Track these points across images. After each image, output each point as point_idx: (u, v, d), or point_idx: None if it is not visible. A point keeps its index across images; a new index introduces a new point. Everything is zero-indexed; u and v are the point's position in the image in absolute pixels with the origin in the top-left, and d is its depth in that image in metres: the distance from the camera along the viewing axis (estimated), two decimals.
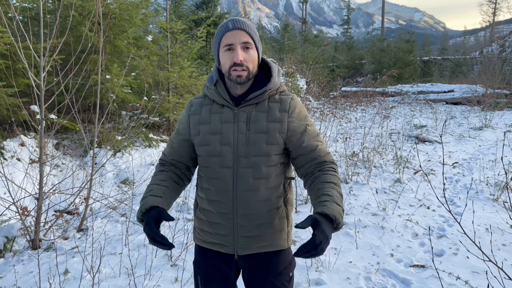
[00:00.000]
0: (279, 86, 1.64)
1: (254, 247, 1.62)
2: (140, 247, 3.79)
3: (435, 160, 6.92)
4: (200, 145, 1.62)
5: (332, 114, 10.72)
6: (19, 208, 3.80)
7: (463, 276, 3.19)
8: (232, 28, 1.51)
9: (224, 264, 1.68)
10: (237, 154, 1.56)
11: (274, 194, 1.61)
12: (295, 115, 1.60)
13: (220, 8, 17.34)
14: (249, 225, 1.59)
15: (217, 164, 1.58)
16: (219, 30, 1.55)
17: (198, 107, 1.67)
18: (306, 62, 16.43)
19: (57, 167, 5.53)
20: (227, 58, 1.52)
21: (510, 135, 8.88)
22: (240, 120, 1.57)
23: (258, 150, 1.55)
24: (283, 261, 1.67)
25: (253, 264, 1.65)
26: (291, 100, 1.62)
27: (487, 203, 4.92)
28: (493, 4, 46.13)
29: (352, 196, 5.14)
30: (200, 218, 1.70)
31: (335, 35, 40.78)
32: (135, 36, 7.00)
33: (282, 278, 1.65)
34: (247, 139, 1.55)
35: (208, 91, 1.65)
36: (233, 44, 1.50)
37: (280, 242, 1.66)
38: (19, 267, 3.47)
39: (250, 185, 1.56)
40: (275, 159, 1.59)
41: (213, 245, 1.67)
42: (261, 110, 1.58)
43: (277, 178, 1.62)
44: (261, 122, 1.56)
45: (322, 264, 3.39)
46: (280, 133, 1.57)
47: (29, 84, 3.92)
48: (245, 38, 1.51)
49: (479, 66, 21.28)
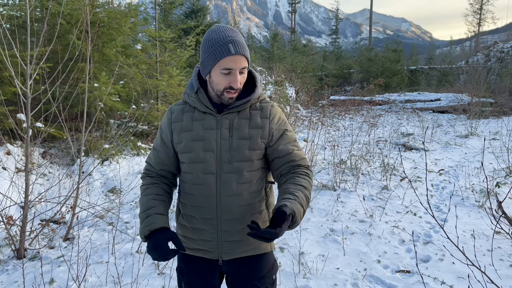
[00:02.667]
0: (260, 95, 1.69)
1: (238, 251, 1.64)
2: (127, 255, 3.76)
3: (422, 168, 7.01)
4: (183, 152, 1.63)
5: (321, 122, 10.79)
6: (4, 217, 3.75)
7: (448, 281, 3.23)
8: (234, 53, 1.48)
9: (208, 269, 1.69)
10: (220, 160, 1.58)
11: (256, 198, 1.64)
12: (276, 121, 1.65)
13: (210, 17, 17.45)
14: (233, 230, 1.61)
15: (200, 170, 1.59)
16: (218, 51, 1.48)
17: (179, 114, 1.67)
18: (295, 71, 16.54)
19: (44, 176, 5.48)
20: (224, 80, 1.52)
21: (495, 142, 9.02)
22: (223, 127, 1.59)
23: (241, 155, 1.58)
24: (267, 264, 1.71)
25: (237, 269, 1.67)
26: (272, 108, 1.67)
27: (473, 209, 4.99)
28: (478, 15, 47.03)
29: (340, 203, 5.18)
30: (183, 225, 1.70)
31: (324, 45, 41.27)
32: (123, 45, 7.00)
33: (266, 281, 1.69)
34: (230, 145, 1.58)
35: (189, 98, 1.66)
36: (233, 70, 1.50)
37: (263, 246, 1.68)
38: (4, 277, 3.42)
39: (234, 190, 1.58)
40: (257, 164, 1.62)
41: (197, 251, 1.68)
42: (243, 117, 1.61)
43: (259, 183, 1.65)
44: (243, 129, 1.59)
45: (309, 271, 3.40)
46: (262, 139, 1.61)
47: (16, 92, 3.90)
48: (244, 63, 1.52)
49: (465, 75, 21.62)
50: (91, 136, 6.16)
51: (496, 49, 25.49)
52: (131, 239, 4.14)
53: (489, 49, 26.77)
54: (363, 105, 15.83)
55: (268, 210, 1.70)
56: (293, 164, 1.60)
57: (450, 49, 64.56)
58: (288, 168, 1.60)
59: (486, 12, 46.85)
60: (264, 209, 1.68)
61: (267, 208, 1.70)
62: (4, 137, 5.45)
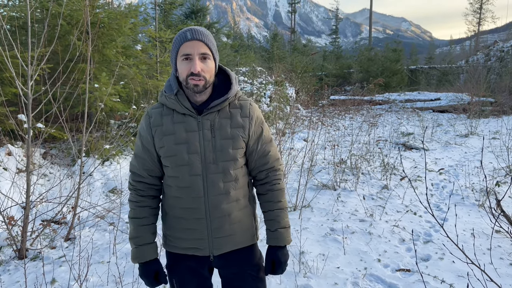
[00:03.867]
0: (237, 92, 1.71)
1: (228, 246, 1.70)
2: (128, 255, 3.77)
3: (422, 167, 7.02)
4: (167, 156, 1.63)
5: (321, 122, 10.80)
6: (5, 217, 3.76)
7: (448, 280, 3.24)
8: (191, 38, 1.53)
9: (198, 265, 1.74)
10: (205, 161, 1.61)
11: (241, 194, 1.70)
12: (255, 120, 1.70)
13: (210, 17, 17.45)
14: (222, 226, 1.66)
15: (186, 172, 1.61)
16: (177, 39, 1.57)
17: (157, 117, 1.66)
18: (295, 71, 16.54)
19: (45, 177, 5.49)
20: (185, 67, 1.55)
21: (495, 142, 9.03)
22: (204, 128, 1.61)
23: (225, 155, 1.61)
24: (255, 253, 1.80)
25: (229, 262, 1.73)
26: (250, 106, 1.70)
27: (473, 208, 5.00)
28: (478, 14, 47.03)
29: (340, 203, 5.19)
30: (171, 226, 1.72)
31: (324, 45, 41.25)
32: (124, 45, 7.01)
33: (258, 268, 1.78)
34: (214, 146, 1.61)
35: (167, 100, 1.65)
36: (191, 54, 1.53)
37: (251, 237, 1.77)
38: (5, 277, 3.43)
39: (221, 189, 1.62)
40: (241, 161, 1.69)
41: (188, 250, 1.71)
42: (223, 116, 1.64)
43: (243, 179, 1.72)
44: (225, 129, 1.62)
45: (310, 270, 3.41)
46: (243, 138, 1.65)
47: (17, 93, 3.91)
48: (203, 49, 1.55)
49: (465, 74, 21.61)
50: (92, 137, 6.17)
51: (496, 48, 25.49)
52: None
53: (489, 48, 26.77)
54: (363, 104, 15.84)
55: (251, 205, 1.79)
56: (268, 167, 1.76)
57: (450, 49, 64.56)
58: (264, 172, 1.77)
59: (486, 11, 46.87)
60: (248, 204, 1.76)
61: (249, 203, 1.78)
62: (5, 138, 5.46)
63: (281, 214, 1.75)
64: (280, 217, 1.74)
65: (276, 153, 1.78)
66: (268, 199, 1.76)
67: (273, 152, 1.76)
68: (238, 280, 1.74)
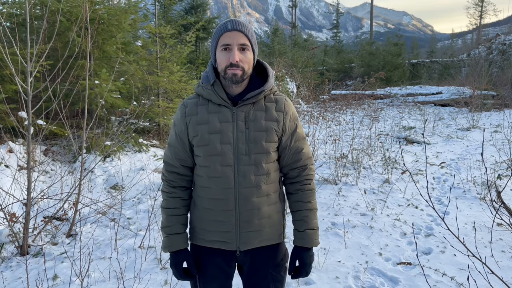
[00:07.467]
0: (272, 87, 1.71)
1: (256, 241, 1.68)
2: (129, 251, 3.79)
3: (423, 161, 7.00)
4: (200, 145, 1.63)
5: (322, 116, 10.79)
6: (7, 214, 3.77)
7: (449, 273, 3.24)
8: (231, 29, 1.55)
9: (224, 261, 1.71)
10: (237, 152, 1.61)
11: (272, 189, 1.69)
12: (289, 115, 1.69)
13: (210, 12, 17.39)
14: (251, 220, 1.64)
15: (218, 162, 1.61)
16: (217, 30, 1.59)
17: (193, 107, 1.67)
18: (296, 65, 16.50)
19: (46, 173, 5.50)
20: (224, 57, 1.56)
21: (497, 135, 9.01)
22: (238, 119, 1.61)
23: (258, 147, 1.61)
24: (280, 253, 1.77)
25: (254, 258, 1.71)
26: (286, 101, 1.70)
27: (474, 202, 4.99)
28: (480, 7, 46.79)
29: (341, 197, 5.18)
30: (199, 217, 1.71)
31: (325, 39, 41.12)
32: (124, 41, 7.00)
33: (280, 269, 1.75)
34: (247, 138, 1.61)
35: (204, 90, 1.66)
36: (230, 45, 1.55)
37: (278, 235, 1.75)
38: (7, 273, 3.45)
39: (252, 182, 1.61)
40: (273, 156, 1.67)
41: (215, 243, 1.69)
42: (258, 109, 1.64)
43: (275, 174, 1.70)
44: (259, 121, 1.62)
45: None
46: (277, 132, 1.65)
47: (17, 90, 3.91)
48: (242, 40, 1.56)
49: (467, 68, 21.56)
50: (93, 133, 6.18)
51: (498, 42, 25.38)
52: (134, 234, 4.16)
53: (490, 41, 26.66)
54: (364, 99, 15.79)
55: (281, 202, 1.77)
56: (301, 164, 1.73)
57: (452, 42, 64.32)
58: (297, 171, 1.74)
59: (487, 4, 46.65)
60: (278, 200, 1.74)
61: (280, 199, 1.76)
62: (6, 135, 5.47)
63: (310, 215, 1.72)
64: (309, 217, 1.72)
65: (309, 151, 1.76)
66: (297, 199, 1.74)
67: (306, 150, 1.74)
68: (258, 278, 1.72)
